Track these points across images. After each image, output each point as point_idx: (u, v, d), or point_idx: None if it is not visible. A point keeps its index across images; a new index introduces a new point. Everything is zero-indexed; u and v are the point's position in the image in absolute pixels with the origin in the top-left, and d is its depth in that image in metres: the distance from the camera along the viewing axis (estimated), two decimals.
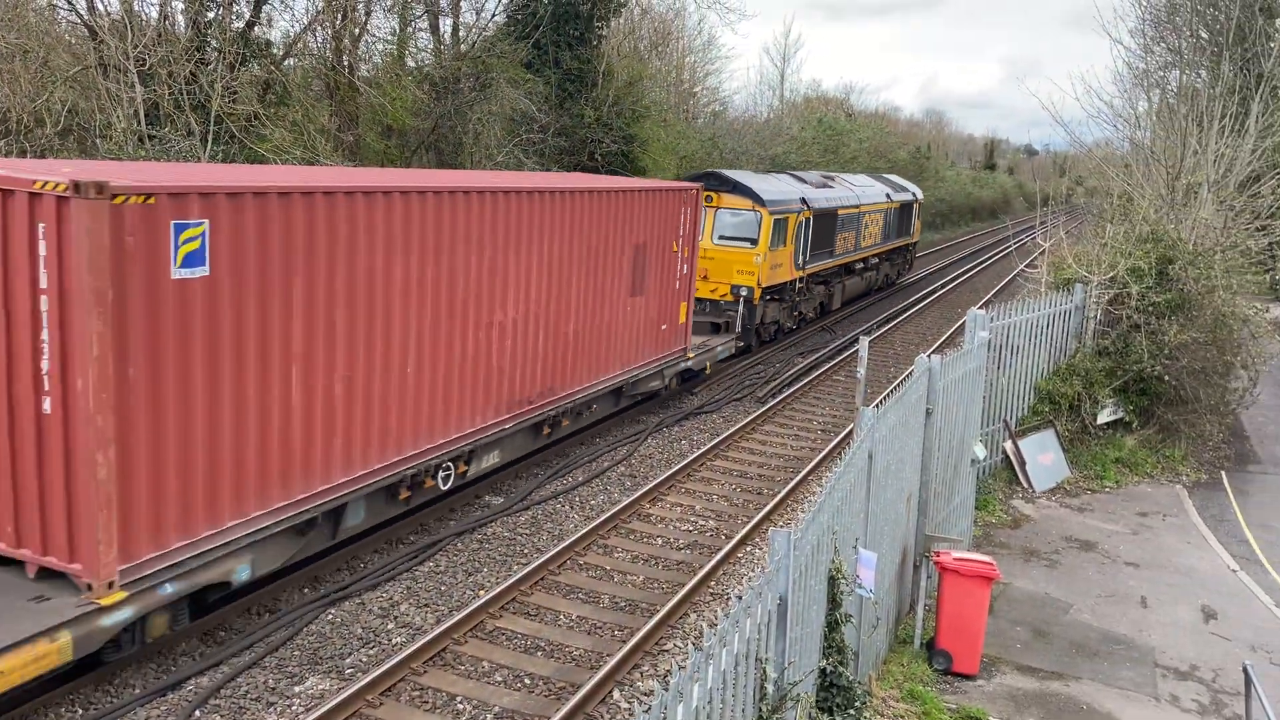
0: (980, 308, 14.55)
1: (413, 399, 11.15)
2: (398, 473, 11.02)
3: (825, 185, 28.23)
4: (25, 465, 7.93)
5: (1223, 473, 16.88)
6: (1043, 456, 15.71)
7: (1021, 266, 32.23)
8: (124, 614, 8.02)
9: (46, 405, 7.76)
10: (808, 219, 24.44)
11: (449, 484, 12.11)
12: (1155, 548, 13.52)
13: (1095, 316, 17.23)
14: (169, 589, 8.40)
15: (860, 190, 30.53)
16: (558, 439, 15.15)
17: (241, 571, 9.17)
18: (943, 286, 36.65)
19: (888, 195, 33.30)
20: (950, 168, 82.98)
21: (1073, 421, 16.53)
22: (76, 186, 7.26)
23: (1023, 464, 15.46)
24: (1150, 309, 16.44)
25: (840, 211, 27.34)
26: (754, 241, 21.96)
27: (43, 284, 7.56)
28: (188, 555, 8.54)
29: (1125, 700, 9.56)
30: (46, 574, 8.08)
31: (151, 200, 7.84)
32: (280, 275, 9.13)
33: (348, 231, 9.84)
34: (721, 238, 21.94)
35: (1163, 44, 33.03)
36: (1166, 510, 15.03)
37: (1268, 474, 17.13)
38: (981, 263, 46.92)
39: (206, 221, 8.31)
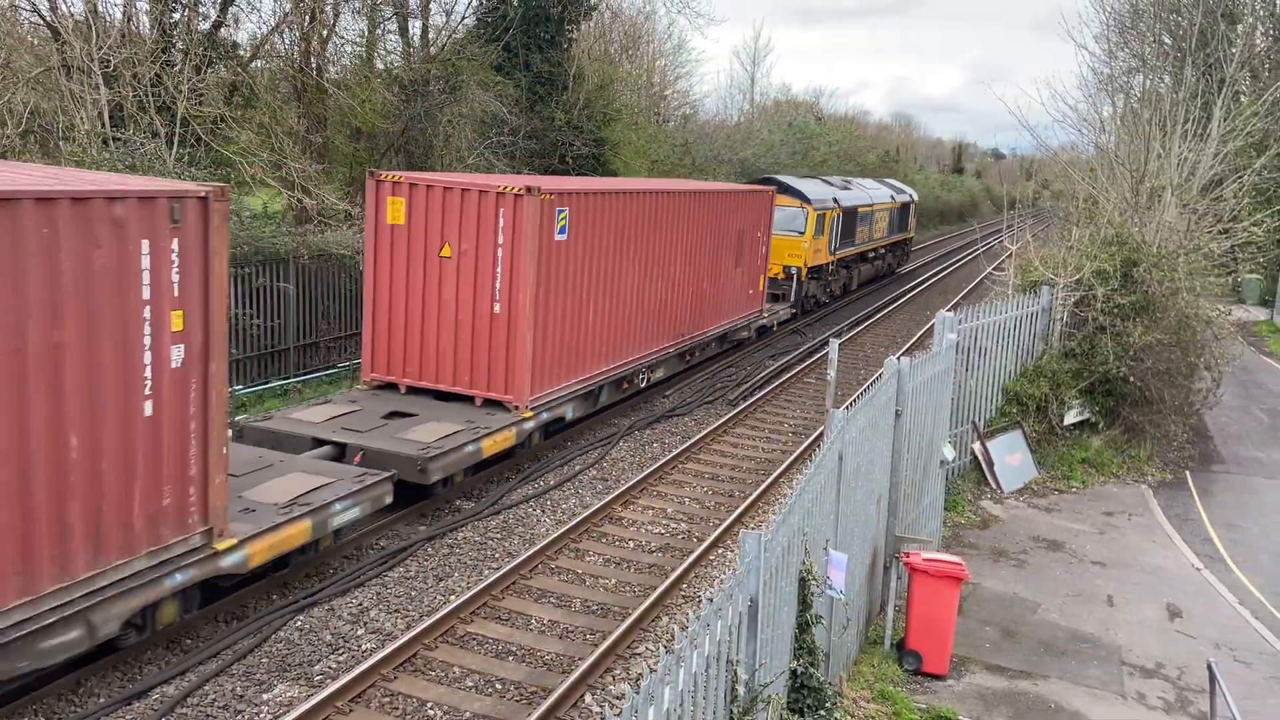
0: (949, 310, 14.66)
1: (635, 325, 17.86)
2: (625, 371, 17.56)
3: (847, 188, 33.88)
4: (482, 343, 14.26)
5: (1187, 472, 17.11)
6: (1010, 457, 15.85)
7: (989, 269, 32.54)
8: (531, 424, 14.43)
9: (497, 309, 14.15)
10: (838, 214, 30.18)
11: (644, 384, 18.51)
12: (1121, 547, 13.67)
13: (1062, 319, 17.41)
14: (545, 415, 14.83)
15: (872, 192, 36.05)
16: (693, 364, 21.43)
17: (570, 412, 15.70)
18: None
19: (892, 196, 38.91)
20: (919, 171, 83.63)
21: (1040, 422, 16.69)
22: (528, 190, 13.79)
23: (991, 465, 15.60)
24: (1115, 311, 16.63)
25: (860, 209, 32.93)
26: (801, 232, 27.66)
27: (500, 241, 13.99)
28: (551, 398, 15.01)
29: (1092, 698, 9.66)
30: (488, 403, 14.40)
31: (549, 198, 14.17)
32: (600, 240, 16.10)
33: (618, 216, 16.64)
34: (777, 228, 26.36)
35: (1127, 49, 33.50)
36: (1132, 510, 15.21)
37: (1231, 474, 17.38)
38: (953, 264, 47.38)
39: (567, 209, 14.83)
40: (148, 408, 8.20)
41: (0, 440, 7.13)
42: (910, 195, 43.66)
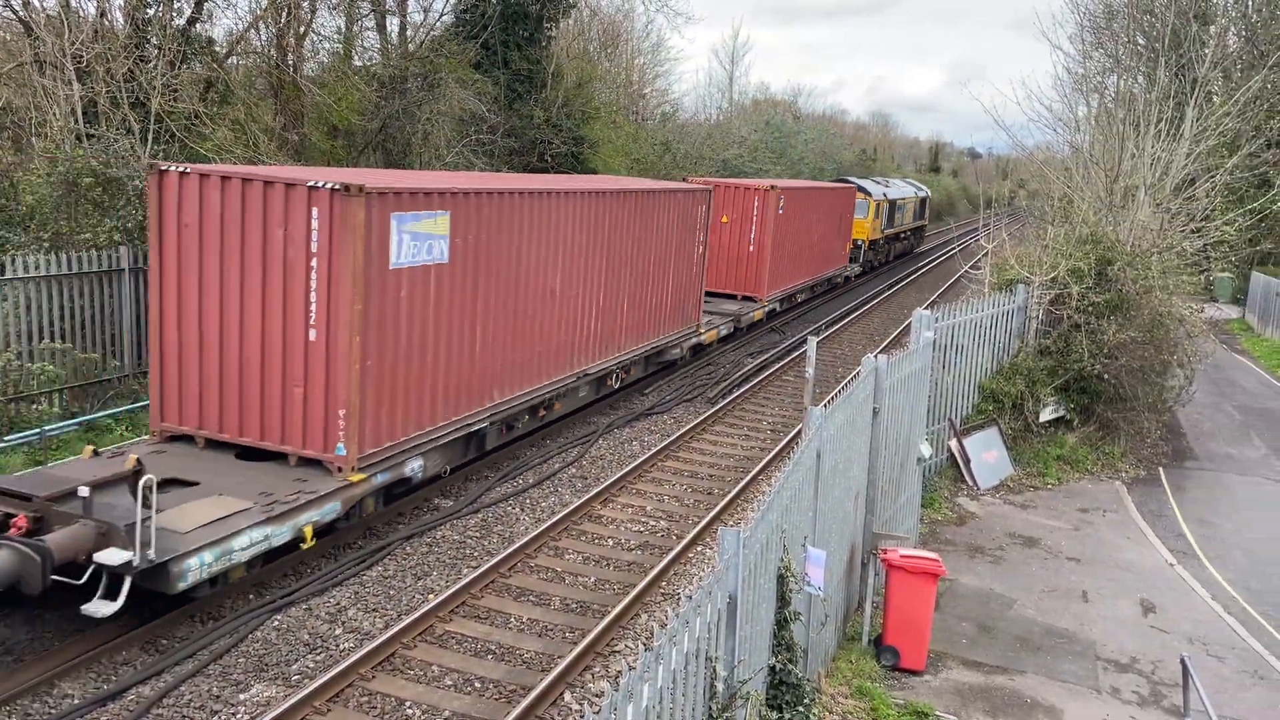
0: (926, 308, 14.74)
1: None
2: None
3: (888, 185, 46.10)
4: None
5: (1160, 469, 17.29)
6: (987, 454, 15.97)
7: (966, 268, 32.75)
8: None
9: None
10: (886, 205, 42.95)
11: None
12: (1096, 543, 13.80)
13: (1037, 316, 17.55)
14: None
15: (903, 189, 48.86)
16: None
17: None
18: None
19: (915, 192, 51.47)
20: (896, 170, 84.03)
21: (1016, 420, 16.82)
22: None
23: (967, 462, 15.70)
24: (1090, 309, 16.78)
25: (896, 201, 45.23)
26: (864, 216, 39.49)
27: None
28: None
29: (1068, 693, 9.75)
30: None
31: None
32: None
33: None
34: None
35: (1101, 50, 33.78)
36: (1107, 506, 15.35)
37: (1203, 470, 17.58)
38: (930, 262, 47.74)
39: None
40: None
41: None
42: (927, 192, 56.56)
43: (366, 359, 11.06)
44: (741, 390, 20.19)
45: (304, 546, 10.44)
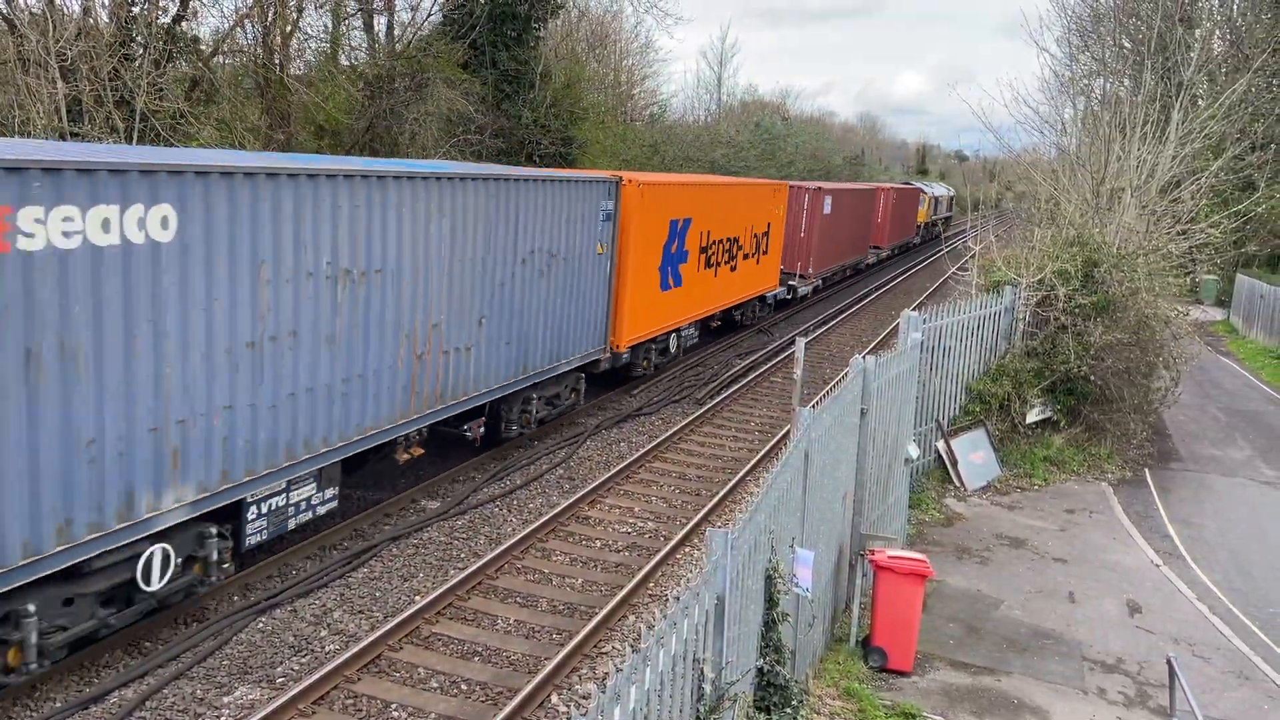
0: (913, 310, 14.77)
1: None
2: None
3: (932, 187, 66.90)
4: None
5: (1146, 470, 17.35)
6: (974, 455, 16.00)
7: (953, 269, 32.84)
8: None
9: None
10: (933, 200, 62.43)
11: None
12: (1083, 544, 13.83)
13: (1024, 318, 17.59)
14: None
15: (939, 189, 69.55)
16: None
17: None
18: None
19: (946, 191, 72.32)
20: (884, 172, 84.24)
21: (1003, 421, 16.85)
22: None
23: (955, 463, 15.72)
24: (1076, 311, 16.83)
25: (938, 197, 66.08)
26: (924, 206, 58.43)
27: None
28: None
29: (1054, 694, 9.76)
30: None
31: None
32: None
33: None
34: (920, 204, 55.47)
35: (1087, 53, 33.95)
36: (1093, 507, 15.40)
37: (1189, 471, 17.65)
38: (921, 261, 47.89)
39: None
40: None
41: None
42: (954, 191, 77.07)
43: None
44: (730, 391, 20.18)
45: None
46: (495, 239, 13.46)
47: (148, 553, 8.74)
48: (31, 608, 7.80)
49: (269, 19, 23.36)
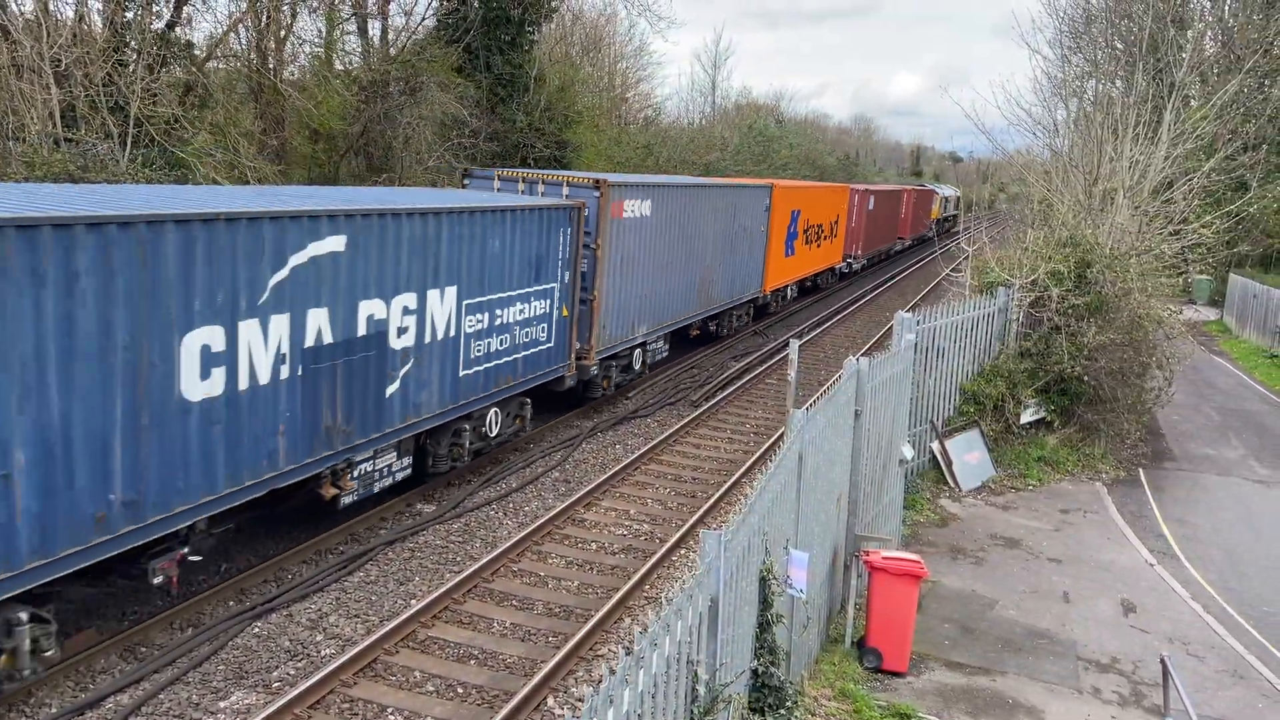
0: (907, 311, 14.81)
1: None
2: None
3: (943, 188, 77.45)
4: None
5: (1140, 470, 17.40)
6: (969, 456, 16.03)
7: (947, 271, 32.94)
8: None
9: None
10: (944, 199, 72.09)
11: None
12: (1077, 544, 13.87)
13: (1017, 319, 17.63)
14: None
15: (948, 191, 78.57)
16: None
17: None
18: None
19: (954, 192, 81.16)
20: (878, 174, 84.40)
21: (997, 422, 16.89)
22: None
23: (949, 464, 15.76)
24: (1070, 311, 16.88)
25: (948, 197, 75.13)
26: (936, 205, 66.26)
27: None
28: None
29: (1049, 693, 9.79)
30: None
31: None
32: None
33: None
34: (933, 204, 64.40)
35: (1080, 54, 34.04)
36: (1087, 507, 15.44)
37: (1182, 470, 17.70)
38: (916, 261, 48.03)
39: None
40: None
41: None
42: (959, 192, 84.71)
43: None
44: (726, 393, 20.21)
45: None
46: (728, 220, 23.83)
47: None
48: None
49: (262, 23, 23.37)
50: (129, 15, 19.38)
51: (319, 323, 10.45)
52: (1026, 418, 17.16)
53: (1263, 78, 35.04)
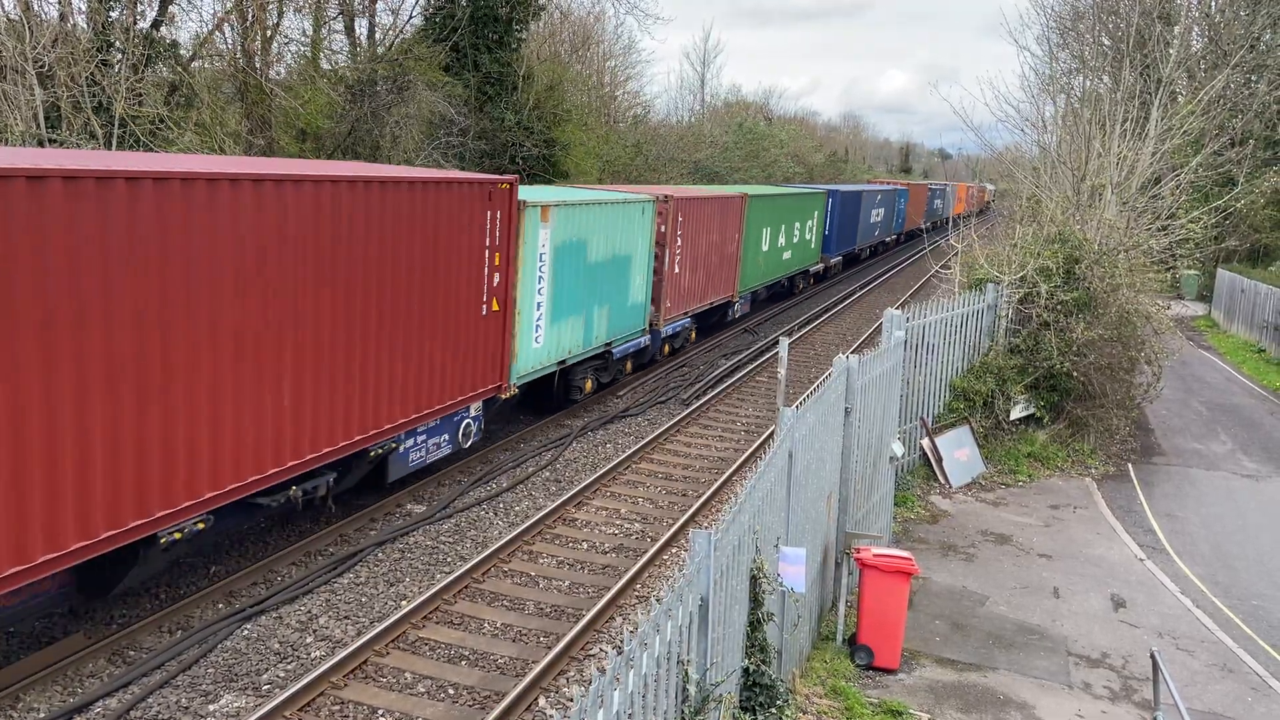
0: (896, 308, 14.83)
1: None
2: None
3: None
4: None
5: (1129, 465, 17.46)
6: (959, 453, 16.06)
7: (936, 267, 32.98)
8: None
9: None
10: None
11: None
12: (1067, 539, 13.91)
13: (1007, 315, 17.67)
14: None
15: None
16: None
17: None
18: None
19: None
20: (867, 171, 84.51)
21: (987, 418, 16.92)
22: None
23: (939, 460, 15.78)
24: (1059, 307, 16.92)
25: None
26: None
27: None
28: None
29: (1040, 689, 9.81)
30: None
31: None
32: None
33: None
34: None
35: (1067, 50, 34.12)
36: (1077, 502, 15.48)
37: (1171, 465, 17.76)
38: (907, 258, 48.12)
39: None
40: None
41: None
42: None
43: None
44: (716, 391, 20.20)
45: None
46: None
47: None
48: None
49: (248, 23, 23.26)
50: (113, 15, 19.26)
51: None
52: (1016, 414, 17.19)
53: (1249, 73, 35.19)
